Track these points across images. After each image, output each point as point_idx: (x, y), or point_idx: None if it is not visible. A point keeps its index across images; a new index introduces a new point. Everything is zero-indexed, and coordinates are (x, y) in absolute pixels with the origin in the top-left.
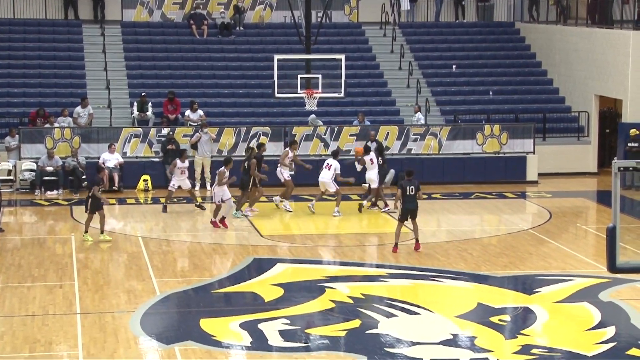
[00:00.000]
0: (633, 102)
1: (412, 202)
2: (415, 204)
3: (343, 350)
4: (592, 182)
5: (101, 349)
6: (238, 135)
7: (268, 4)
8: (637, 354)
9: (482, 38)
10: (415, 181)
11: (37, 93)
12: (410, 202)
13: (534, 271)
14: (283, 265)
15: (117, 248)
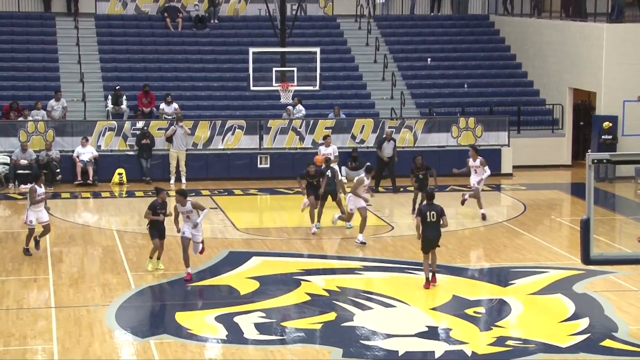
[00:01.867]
0: (607, 95)
1: (433, 230)
2: (437, 232)
3: (319, 343)
4: (566, 174)
5: (76, 342)
6: (213, 128)
7: None
8: (611, 345)
9: (456, 31)
10: (438, 206)
11: (11, 86)
12: (430, 230)
13: (509, 263)
14: (258, 259)
15: (91, 241)
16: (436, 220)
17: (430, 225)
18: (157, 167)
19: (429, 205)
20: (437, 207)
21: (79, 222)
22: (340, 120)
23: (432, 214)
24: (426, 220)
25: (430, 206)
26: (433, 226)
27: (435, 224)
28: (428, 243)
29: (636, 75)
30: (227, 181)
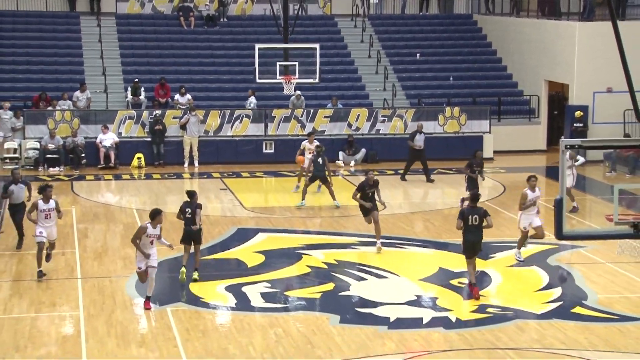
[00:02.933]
0: (578, 86)
1: (474, 234)
2: (478, 235)
3: (318, 310)
4: (542, 158)
5: (100, 309)
6: (223, 117)
7: None
8: (581, 311)
9: (443, 29)
10: (481, 209)
11: (40, 79)
12: (472, 233)
13: (489, 239)
14: (264, 235)
15: (113, 219)
16: (478, 224)
17: (472, 228)
18: (172, 152)
19: (472, 209)
20: (480, 210)
21: (101, 202)
22: (338, 110)
23: (474, 218)
24: (468, 223)
25: (473, 209)
26: (475, 229)
27: (478, 227)
28: (470, 247)
29: (605, 69)
30: (236, 165)
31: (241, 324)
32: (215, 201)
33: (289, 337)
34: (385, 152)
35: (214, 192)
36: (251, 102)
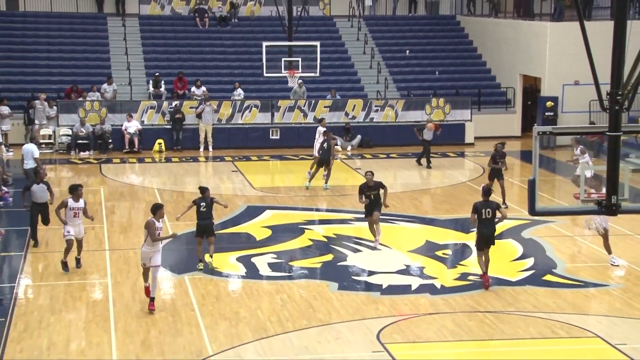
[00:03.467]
0: (549, 80)
1: (488, 227)
2: (492, 228)
3: (319, 278)
4: (517, 143)
5: (125, 277)
6: (234, 107)
7: (258, 0)
8: (551, 279)
9: (429, 28)
10: (493, 202)
11: (71, 73)
12: (486, 227)
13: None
14: (271, 211)
15: (137, 198)
16: (491, 217)
17: (486, 221)
18: (189, 139)
19: (485, 202)
20: (492, 204)
21: (126, 182)
22: (336, 100)
23: (487, 211)
24: (482, 217)
25: (486, 203)
26: (488, 222)
27: (491, 220)
28: (483, 239)
29: (573, 64)
30: (246, 149)
31: (250, 290)
32: (228, 182)
33: (293, 302)
34: (379, 138)
35: (227, 174)
36: (240, 93)
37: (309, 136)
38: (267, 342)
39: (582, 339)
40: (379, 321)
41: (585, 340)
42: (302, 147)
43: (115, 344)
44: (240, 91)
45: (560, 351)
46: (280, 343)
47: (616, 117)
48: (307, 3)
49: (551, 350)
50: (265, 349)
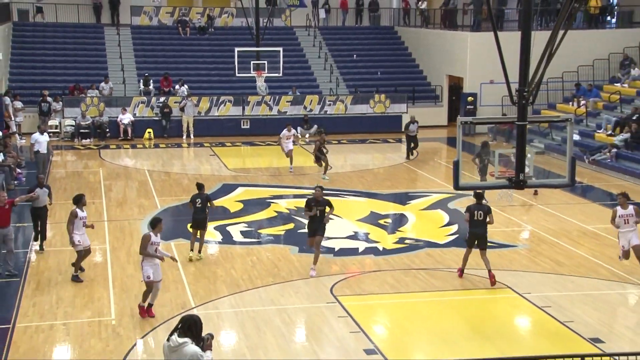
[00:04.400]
0: (470, 80)
1: (480, 227)
2: (483, 229)
3: (282, 243)
4: (444, 131)
5: (121, 244)
6: (211, 102)
7: (230, 13)
8: None
9: (373, 37)
10: (485, 206)
11: (74, 73)
12: (477, 227)
13: (407, 190)
14: (242, 188)
15: (130, 177)
16: (483, 219)
17: (477, 222)
18: (174, 128)
19: (477, 205)
20: (484, 207)
21: (122, 165)
22: (296, 96)
23: (479, 213)
24: (474, 218)
25: (479, 206)
26: (480, 224)
27: (482, 222)
28: (473, 237)
29: (489, 67)
30: (221, 137)
31: (226, 253)
32: (207, 164)
33: (261, 263)
34: (331, 126)
35: (205, 157)
36: (183, 90)
37: (274, 126)
38: (239, 296)
39: (495, 290)
40: (332, 278)
41: (498, 290)
42: (268, 135)
43: (113, 298)
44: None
45: (479, 300)
46: (250, 296)
47: (523, 110)
48: (272, 15)
49: (471, 299)
50: (238, 302)
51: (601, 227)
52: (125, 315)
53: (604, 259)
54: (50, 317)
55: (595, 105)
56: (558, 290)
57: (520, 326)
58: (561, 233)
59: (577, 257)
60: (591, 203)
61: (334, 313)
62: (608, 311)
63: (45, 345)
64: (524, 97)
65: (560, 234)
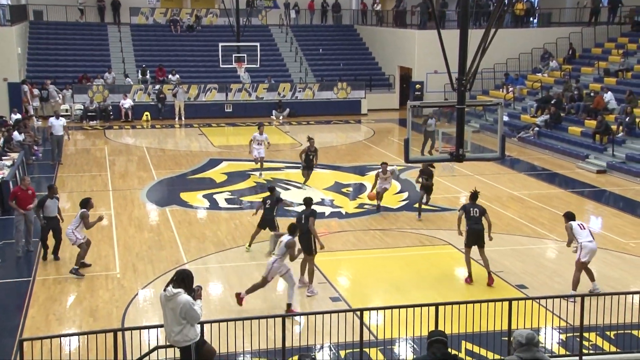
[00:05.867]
0: (418, 69)
1: (477, 223)
2: (481, 225)
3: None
4: (396, 114)
5: (124, 209)
6: (199, 89)
7: (215, 13)
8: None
9: (336, 34)
10: (480, 206)
11: (82, 65)
12: (475, 223)
13: (365, 163)
14: (226, 162)
15: (131, 153)
16: (479, 216)
17: (474, 218)
18: (168, 111)
19: (472, 204)
20: (479, 206)
21: (123, 142)
22: (272, 84)
23: (475, 210)
24: (470, 214)
25: (474, 205)
26: (477, 219)
27: (479, 218)
28: (472, 234)
29: (433, 59)
30: (208, 119)
31: (212, 217)
32: (196, 142)
33: (243, 226)
34: (302, 110)
35: (195, 136)
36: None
37: (253, 109)
38: (224, 253)
39: (439, 246)
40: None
41: (441, 247)
42: (248, 117)
43: (117, 256)
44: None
45: (425, 254)
46: (234, 254)
47: (462, 95)
48: (250, 15)
49: (419, 254)
50: (224, 258)
51: (526, 193)
52: (128, 270)
53: (527, 219)
54: (65, 272)
55: (521, 91)
56: (490, 246)
57: (459, 276)
58: (493, 198)
59: (506, 218)
60: (518, 173)
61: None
62: (531, 262)
63: (61, 295)
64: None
65: (493, 199)
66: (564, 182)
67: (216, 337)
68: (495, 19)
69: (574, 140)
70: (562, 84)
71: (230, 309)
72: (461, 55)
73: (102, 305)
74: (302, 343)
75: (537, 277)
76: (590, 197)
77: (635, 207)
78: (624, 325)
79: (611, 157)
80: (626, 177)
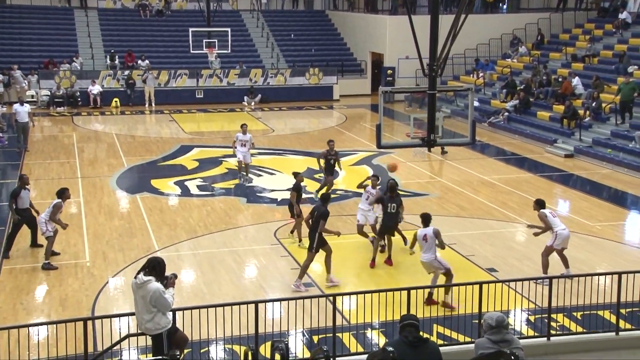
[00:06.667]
0: (389, 55)
1: (391, 219)
2: (394, 221)
3: (233, 195)
4: (368, 99)
5: (93, 197)
6: (170, 74)
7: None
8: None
9: (307, 19)
10: (398, 199)
11: (49, 50)
12: (389, 219)
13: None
14: (198, 149)
15: (100, 140)
16: (395, 212)
17: (390, 215)
18: (138, 97)
19: (391, 198)
20: (397, 200)
21: (92, 129)
22: (243, 70)
23: (392, 206)
24: (387, 210)
25: (392, 198)
26: (392, 216)
27: (395, 214)
28: (384, 229)
29: (405, 45)
30: (178, 105)
31: (184, 204)
32: (166, 128)
33: (214, 212)
34: (273, 95)
35: (165, 123)
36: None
37: (225, 95)
38: (196, 240)
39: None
40: (275, 224)
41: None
42: (219, 103)
43: (87, 244)
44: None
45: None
46: (206, 241)
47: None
48: (221, 0)
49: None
50: (196, 245)
51: (496, 178)
52: (98, 258)
53: (497, 204)
54: (33, 261)
55: (491, 77)
56: (461, 230)
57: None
58: (464, 183)
59: (477, 202)
60: (488, 158)
61: (278, 253)
62: (501, 246)
63: (29, 284)
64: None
65: (464, 183)
66: (533, 167)
67: (188, 324)
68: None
69: (542, 125)
70: (531, 69)
71: (202, 296)
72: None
73: (71, 294)
74: (275, 329)
75: (507, 260)
76: (559, 181)
77: (601, 190)
78: (590, 306)
79: (578, 141)
80: (593, 161)
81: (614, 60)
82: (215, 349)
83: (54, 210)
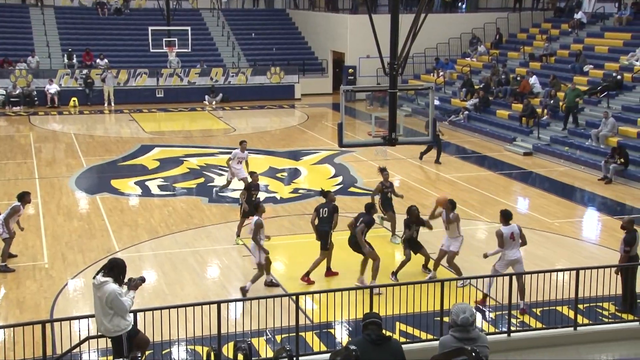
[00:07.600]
0: (350, 54)
1: (324, 225)
2: (328, 226)
3: (195, 195)
4: (329, 98)
5: (52, 197)
6: (129, 74)
7: None
8: (354, 190)
9: (268, 18)
10: (331, 205)
11: (4, 49)
12: (322, 225)
13: (299, 148)
14: (159, 148)
15: (58, 140)
16: (327, 217)
17: (323, 220)
18: (97, 97)
19: (323, 204)
20: (329, 206)
21: (50, 129)
22: (204, 69)
23: (324, 210)
24: (319, 216)
25: (325, 204)
26: (325, 221)
27: (327, 219)
28: (319, 235)
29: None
30: (138, 104)
31: (145, 204)
32: (126, 128)
33: (176, 212)
34: (234, 95)
35: (125, 122)
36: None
37: (185, 94)
38: (158, 240)
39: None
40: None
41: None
42: (180, 102)
43: (45, 245)
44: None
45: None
46: (168, 241)
47: (394, 80)
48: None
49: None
50: (158, 245)
51: (457, 176)
52: (57, 260)
53: (458, 202)
54: None
55: (451, 75)
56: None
57: (395, 258)
58: (426, 181)
59: None
60: (449, 156)
61: (240, 253)
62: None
63: None
64: (394, 69)
65: (425, 181)
66: (493, 165)
67: (150, 325)
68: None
69: (501, 123)
70: (490, 68)
71: (164, 296)
72: (393, 39)
73: (29, 297)
74: (237, 329)
75: (468, 258)
76: (518, 179)
77: (559, 187)
78: (549, 302)
79: (537, 139)
80: (551, 158)
81: (570, 60)
82: (178, 350)
83: (11, 212)
